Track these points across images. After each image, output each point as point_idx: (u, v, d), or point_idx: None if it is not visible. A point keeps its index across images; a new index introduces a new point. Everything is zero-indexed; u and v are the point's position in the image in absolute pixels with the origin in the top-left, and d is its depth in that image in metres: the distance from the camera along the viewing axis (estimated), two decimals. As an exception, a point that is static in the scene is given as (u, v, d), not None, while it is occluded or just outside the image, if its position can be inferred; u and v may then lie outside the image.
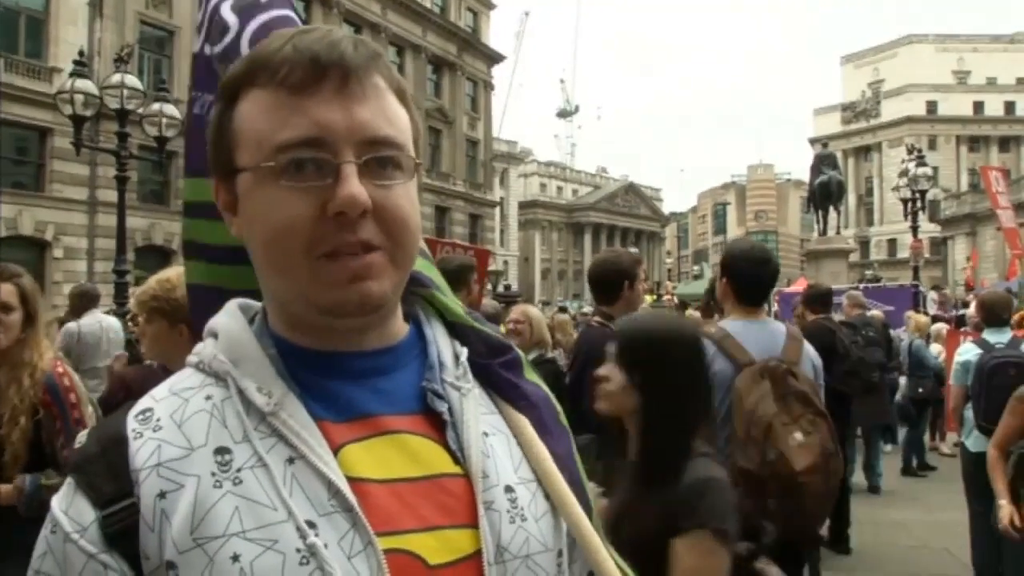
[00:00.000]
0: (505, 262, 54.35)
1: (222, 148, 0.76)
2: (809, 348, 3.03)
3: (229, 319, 0.80)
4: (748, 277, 3.03)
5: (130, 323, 7.38)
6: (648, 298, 10.47)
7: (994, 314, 5.04)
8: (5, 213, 20.08)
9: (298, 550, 0.65)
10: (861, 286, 17.18)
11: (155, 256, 24.40)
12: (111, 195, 16.00)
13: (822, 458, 2.57)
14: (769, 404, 2.64)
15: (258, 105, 0.73)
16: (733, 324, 2.98)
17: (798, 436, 2.58)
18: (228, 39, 1.33)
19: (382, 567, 0.67)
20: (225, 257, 0.86)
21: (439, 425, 0.78)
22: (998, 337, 4.88)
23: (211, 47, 1.36)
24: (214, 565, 0.64)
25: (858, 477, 7.75)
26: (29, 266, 19.41)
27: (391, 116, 0.75)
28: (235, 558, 0.64)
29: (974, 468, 4.70)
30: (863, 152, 67.78)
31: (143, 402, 0.75)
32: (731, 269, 3.09)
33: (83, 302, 6.54)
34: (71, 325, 6.31)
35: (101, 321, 6.40)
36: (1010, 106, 63.88)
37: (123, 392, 3.21)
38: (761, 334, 2.92)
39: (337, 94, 0.72)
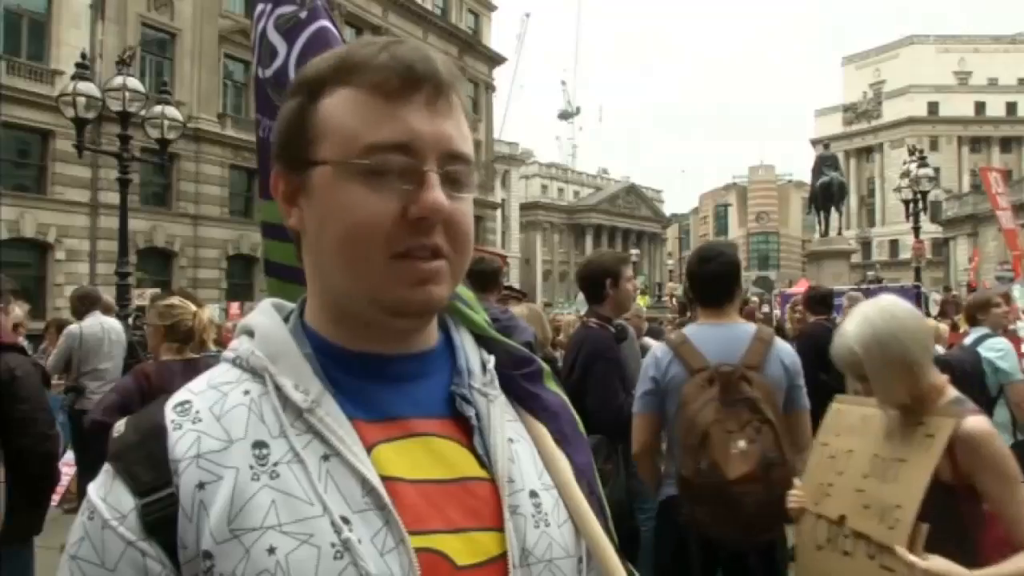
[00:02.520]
0: (507, 263, 54.27)
1: (298, 139, 0.77)
2: (781, 349, 2.90)
3: (265, 318, 0.82)
4: (697, 278, 3.04)
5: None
6: (641, 300, 10.39)
7: (970, 314, 5.22)
8: (7, 215, 20.13)
9: (333, 544, 0.67)
10: (863, 287, 17.17)
11: (157, 258, 24.48)
12: (113, 197, 16.05)
13: (760, 467, 2.52)
14: (709, 411, 2.61)
15: (349, 104, 0.75)
16: (695, 328, 2.99)
17: (741, 444, 2.54)
18: (277, 63, 1.39)
19: (413, 565, 0.68)
20: (295, 276, 0.89)
21: (466, 430, 0.80)
22: (972, 336, 4.98)
23: (263, 70, 1.40)
24: (250, 557, 0.66)
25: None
26: (31, 268, 19.42)
27: (466, 134, 0.79)
28: (271, 550, 0.66)
29: None
30: (865, 153, 67.77)
31: (181, 394, 0.76)
32: (687, 274, 3.13)
33: (84, 304, 6.55)
34: (73, 327, 6.33)
35: (103, 323, 6.41)
36: (1012, 107, 63.83)
37: (146, 383, 3.33)
38: (723, 337, 2.86)
39: (428, 106, 0.75)
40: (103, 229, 22.18)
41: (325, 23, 1.40)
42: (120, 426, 0.76)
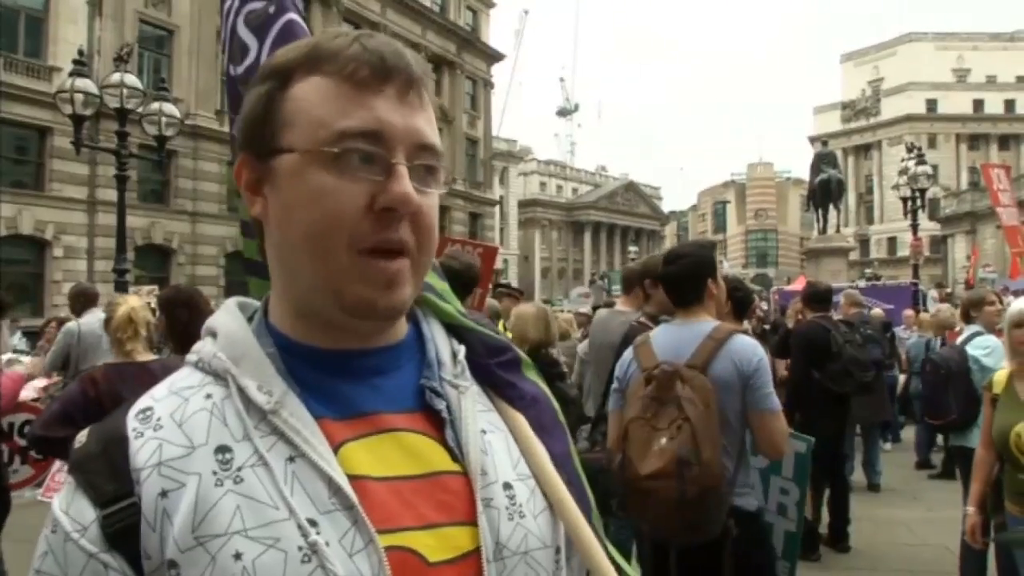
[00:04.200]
0: (505, 261, 54.31)
1: (265, 126, 0.76)
2: (735, 349, 2.78)
3: (228, 317, 0.80)
4: (663, 280, 3.10)
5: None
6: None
7: (964, 312, 5.39)
8: (5, 212, 20.11)
9: (300, 548, 0.65)
10: (862, 284, 17.16)
11: (155, 255, 24.44)
12: (111, 194, 16.01)
13: (675, 465, 2.53)
14: (635, 408, 2.71)
15: (319, 91, 0.73)
16: (661, 328, 3.06)
17: (663, 441, 2.58)
18: (249, 60, 1.36)
19: (383, 565, 0.67)
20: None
21: (438, 423, 0.79)
22: (964, 334, 5.06)
23: (234, 68, 1.38)
24: (216, 564, 0.65)
25: (858, 475, 7.77)
26: (29, 265, 19.29)
27: (435, 128, 0.78)
28: (237, 556, 0.65)
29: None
30: (863, 150, 67.81)
31: (143, 401, 0.75)
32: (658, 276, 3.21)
33: (82, 302, 6.55)
34: (71, 325, 6.33)
35: (101, 320, 6.40)
36: (1010, 104, 63.89)
37: (93, 390, 3.17)
38: (680, 337, 2.87)
39: (399, 98, 0.74)
40: (101, 226, 22.13)
41: (293, 16, 1.38)
42: (82, 436, 0.75)
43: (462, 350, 0.85)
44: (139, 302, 3.50)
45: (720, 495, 2.59)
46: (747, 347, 2.79)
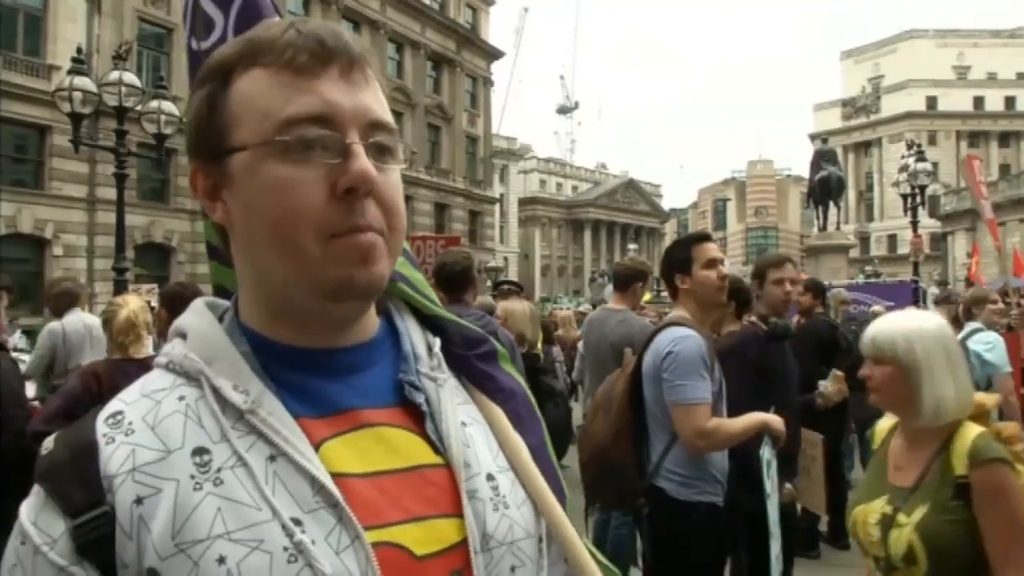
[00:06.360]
0: (505, 259, 54.28)
1: (212, 128, 0.74)
2: (659, 338, 2.88)
3: (197, 317, 0.79)
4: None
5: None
6: (646, 295, 10.44)
7: (966, 309, 5.47)
8: (4, 211, 20.09)
9: (285, 548, 0.64)
10: (860, 280, 17.13)
11: (155, 254, 24.43)
12: (110, 192, 16.01)
13: (580, 430, 3.11)
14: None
15: (261, 84, 0.72)
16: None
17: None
18: (215, 36, 1.32)
19: (371, 561, 0.67)
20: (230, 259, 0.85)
21: (417, 417, 0.78)
22: (965, 330, 5.08)
23: (198, 42, 1.36)
24: (199, 569, 0.63)
25: (856, 473, 7.75)
26: (29, 264, 19.21)
27: (385, 105, 0.77)
28: (221, 560, 0.63)
29: None
30: (863, 147, 67.75)
31: (112, 405, 0.73)
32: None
33: (66, 302, 6.35)
34: (55, 325, 6.08)
35: (84, 320, 6.21)
36: (1010, 101, 63.79)
37: (95, 385, 3.17)
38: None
39: (342, 78, 0.73)
40: (101, 224, 22.10)
41: None
42: (49, 443, 0.72)
43: (437, 342, 0.85)
44: (138, 303, 3.50)
45: (606, 468, 2.84)
46: (665, 337, 2.83)
